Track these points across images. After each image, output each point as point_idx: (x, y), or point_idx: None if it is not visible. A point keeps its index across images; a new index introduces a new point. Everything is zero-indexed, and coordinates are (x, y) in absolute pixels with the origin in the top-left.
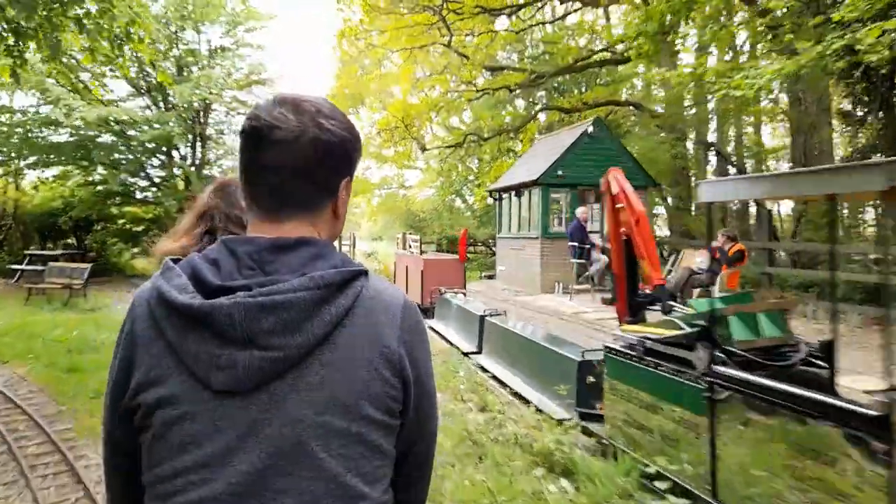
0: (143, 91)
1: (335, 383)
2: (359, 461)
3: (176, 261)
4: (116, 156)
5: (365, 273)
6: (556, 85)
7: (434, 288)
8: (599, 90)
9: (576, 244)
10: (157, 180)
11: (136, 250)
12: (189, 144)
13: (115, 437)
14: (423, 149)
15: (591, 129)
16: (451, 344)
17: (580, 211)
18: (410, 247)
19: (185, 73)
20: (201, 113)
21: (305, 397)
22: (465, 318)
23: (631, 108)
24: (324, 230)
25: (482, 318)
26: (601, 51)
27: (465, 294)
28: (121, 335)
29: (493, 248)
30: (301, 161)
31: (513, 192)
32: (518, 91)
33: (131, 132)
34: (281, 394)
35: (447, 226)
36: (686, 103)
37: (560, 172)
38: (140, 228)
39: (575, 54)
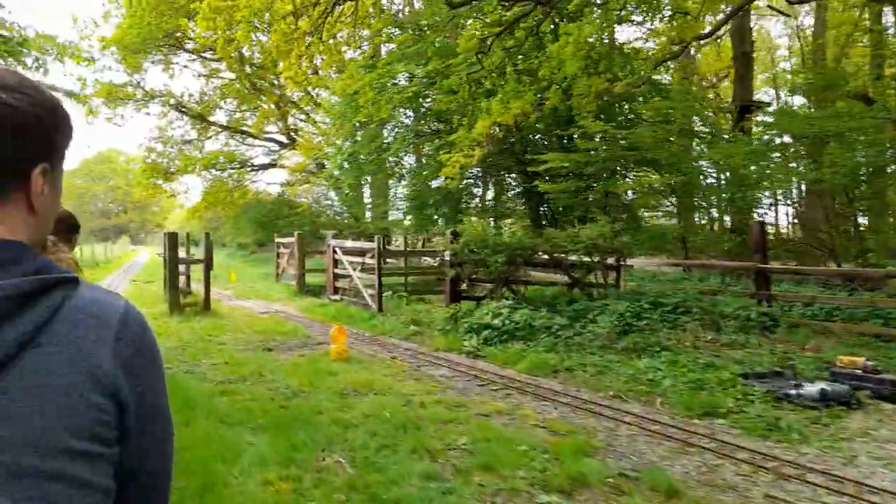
0: None
1: (22, 415)
2: (58, 503)
3: None
4: None
5: (72, 281)
6: None
7: None
8: None
9: None
10: None
11: None
12: None
13: None
14: (453, 4)
15: None
16: None
17: None
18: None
19: None
20: None
21: None
22: None
23: None
24: (19, 229)
25: None
26: None
27: None
28: None
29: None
30: None
31: None
32: None
33: None
34: None
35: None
36: None
37: None
38: None
39: None
